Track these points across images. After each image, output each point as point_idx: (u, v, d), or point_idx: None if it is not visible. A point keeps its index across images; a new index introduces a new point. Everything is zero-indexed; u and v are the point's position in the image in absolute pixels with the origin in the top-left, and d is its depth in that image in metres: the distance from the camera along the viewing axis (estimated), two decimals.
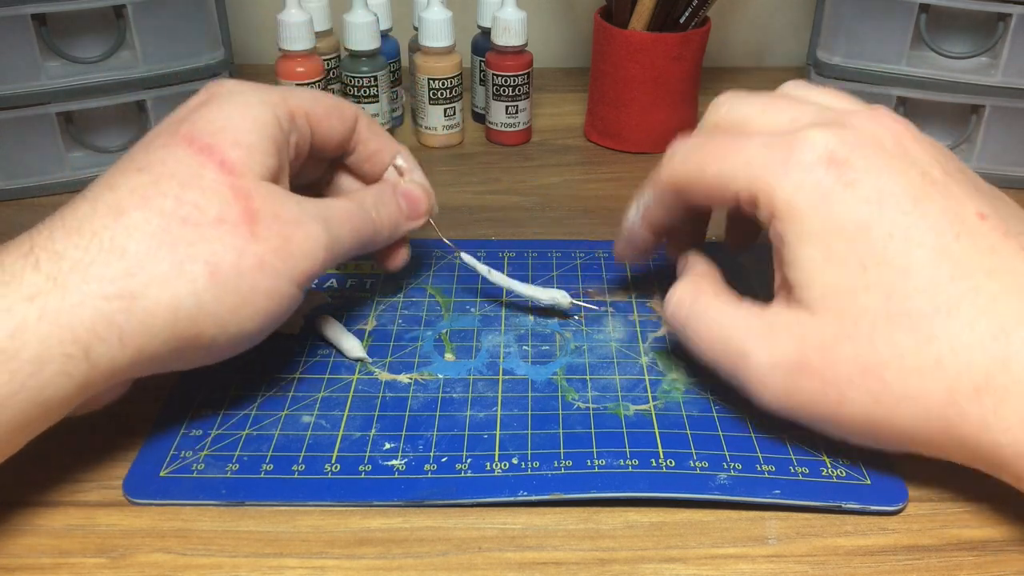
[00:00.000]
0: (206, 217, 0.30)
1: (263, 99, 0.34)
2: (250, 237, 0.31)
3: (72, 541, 0.30)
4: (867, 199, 0.29)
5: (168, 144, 0.32)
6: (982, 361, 0.28)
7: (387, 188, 0.40)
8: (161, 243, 0.29)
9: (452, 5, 0.56)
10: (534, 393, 0.36)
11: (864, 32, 0.53)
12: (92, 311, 0.28)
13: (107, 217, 0.29)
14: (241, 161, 0.32)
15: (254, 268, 0.31)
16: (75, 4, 0.49)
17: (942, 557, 0.30)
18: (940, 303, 0.28)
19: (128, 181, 0.31)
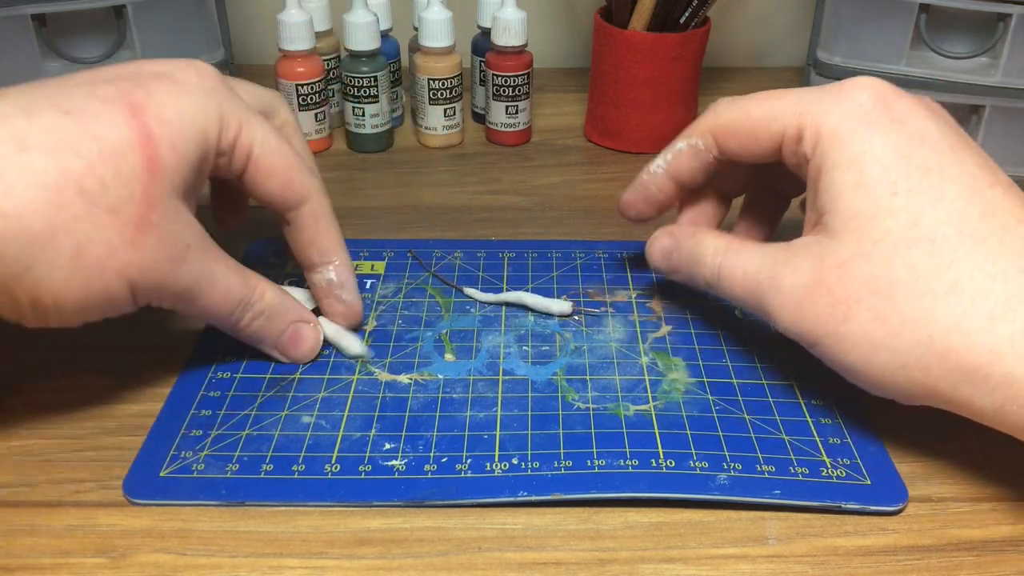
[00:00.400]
0: (104, 200, 0.29)
1: (222, 111, 0.33)
2: (129, 243, 0.30)
3: (72, 541, 0.30)
4: (910, 135, 0.31)
5: (110, 102, 0.30)
6: (1003, 291, 0.28)
7: (289, 313, 0.37)
8: (48, 201, 0.28)
9: (452, 5, 0.56)
10: (534, 393, 0.36)
11: (864, 32, 0.53)
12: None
13: (8, 144, 0.28)
14: (167, 168, 0.30)
15: (114, 271, 0.30)
16: (75, 4, 0.49)
17: (942, 557, 0.30)
18: (967, 233, 0.29)
19: (49, 117, 0.29)
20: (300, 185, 0.36)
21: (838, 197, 0.31)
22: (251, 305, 0.35)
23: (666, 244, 0.39)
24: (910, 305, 0.29)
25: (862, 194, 0.31)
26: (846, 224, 0.31)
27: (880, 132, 0.31)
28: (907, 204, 0.30)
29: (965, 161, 0.31)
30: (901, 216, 0.30)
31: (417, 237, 0.47)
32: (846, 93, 0.32)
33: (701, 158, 0.38)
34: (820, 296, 0.31)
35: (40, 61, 0.49)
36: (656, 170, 0.39)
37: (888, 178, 0.30)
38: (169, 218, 0.31)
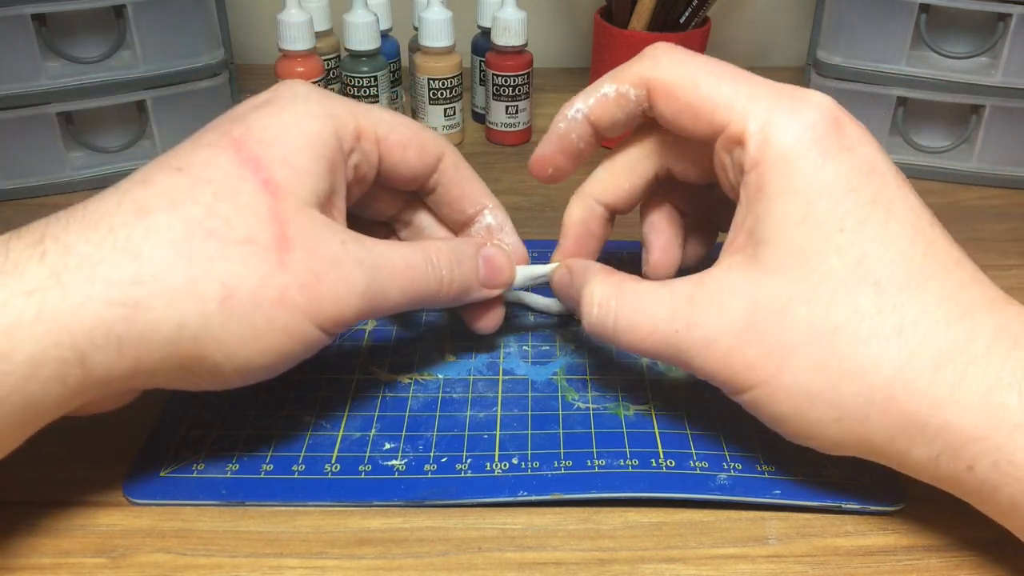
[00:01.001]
0: (234, 233, 0.28)
1: (329, 111, 0.31)
2: (277, 265, 0.28)
3: (72, 541, 0.30)
4: (860, 166, 0.29)
5: (215, 146, 0.29)
6: (945, 337, 0.27)
7: (469, 247, 0.35)
8: (179, 253, 0.27)
9: (452, 5, 0.56)
10: (534, 393, 0.36)
11: (864, 32, 0.53)
12: (93, 316, 0.26)
13: (129, 215, 0.27)
14: (287, 183, 0.29)
15: (274, 301, 0.28)
16: (75, 4, 0.49)
17: (942, 557, 0.30)
18: (912, 275, 0.28)
19: (163, 179, 0.28)
20: (433, 143, 0.35)
21: (780, 229, 0.28)
22: (439, 262, 0.33)
23: (563, 279, 0.36)
24: (852, 353, 0.27)
25: (807, 228, 0.28)
26: (786, 260, 0.28)
27: (832, 160, 0.28)
28: (854, 241, 0.28)
29: (908, 196, 0.29)
30: (846, 255, 0.28)
31: None
32: (802, 109, 0.29)
33: (628, 109, 0.33)
34: (752, 344, 0.28)
35: (40, 61, 0.49)
36: (575, 115, 0.34)
37: (836, 213, 0.28)
38: (308, 227, 0.29)
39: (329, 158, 0.31)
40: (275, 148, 0.30)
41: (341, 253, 0.30)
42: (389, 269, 0.31)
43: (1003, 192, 0.54)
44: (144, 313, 0.27)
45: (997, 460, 0.26)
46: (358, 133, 0.32)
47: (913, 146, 0.55)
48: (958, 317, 0.27)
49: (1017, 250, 0.48)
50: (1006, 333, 0.27)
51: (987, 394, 0.26)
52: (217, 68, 0.54)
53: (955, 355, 0.27)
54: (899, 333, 0.27)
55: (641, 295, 0.31)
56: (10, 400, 0.25)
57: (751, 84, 0.31)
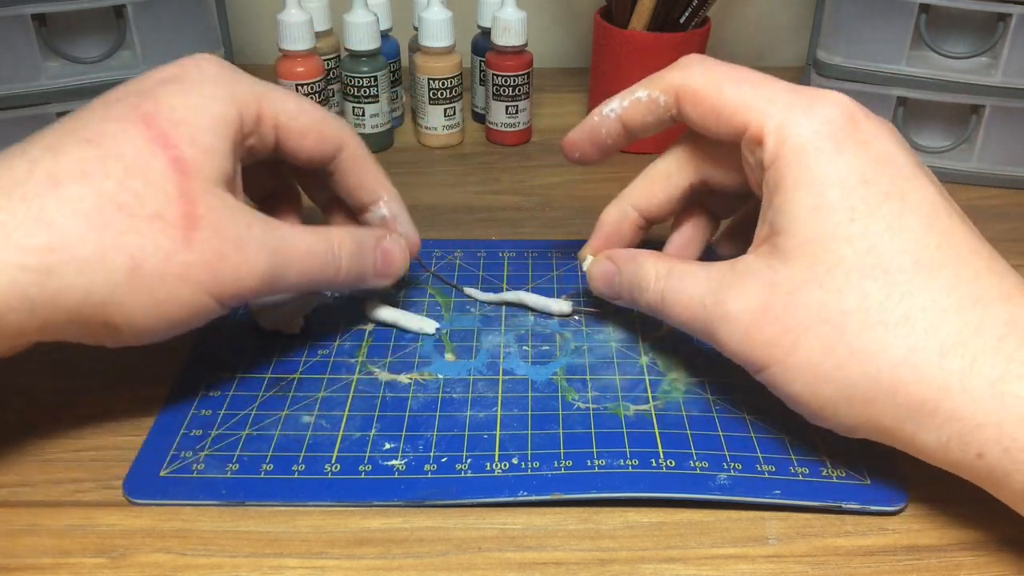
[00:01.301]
0: (144, 209, 0.29)
1: (234, 94, 0.33)
2: (183, 243, 0.30)
3: (72, 541, 0.30)
4: (874, 158, 0.30)
5: (124, 120, 0.30)
6: (954, 324, 0.28)
7: (369, 241, 0.37)
8: (91, 224, 0.28)
9: (452, 5, 0.56)
10: (534, 393, 0.36)
11: (864, 32, 0.53)
12: (8, 280, 0.27)
13: (42, 184, 0.28)
14: (195, 162, 0.31)
15: (177, 276, 0.30)
16: (75, 4, 0.49)
17: (942, 557, 0.30)
18: (923, 263, 0.28)
19: (74, 150, 0.29)
20: (333, 134, 0.36)
21: (794, 218, 0.30)
22: (339, 250, 0.35)
23: (607, 269, 0.38)
24: (859, 336, 0.28)
25: (819, 218, 0.29)
26: (800, 248, 0.30)
27: (846, 153, 0.30)
28: (865, 231, 0.29)
29: (926, 187, 0.30)
30: (858, 243, 0.29)
31: None
32: (817, 107, 0.31)
33: (657, 114, 0.35)
34: (768, 323, 0.30)
35: (40, 61, 0.49)
36: (609, 113, 0.37)
37: (847, 203, 0.29)
38: (217, 208, 0.31)
39: (232, 139, 0.32)
40: (183, 127, 0.31)
41: (245, 235, 0.31)
42: (290, 253, 0.33)
43: (1003, 192, 0.54)
44: (56, 279, 0.28)
45: (1008, 448, 0.26)
46: (259, 117, 0.34)
47: (913, 146, 0.55)
48: (969, 306, 0.28)
49: (1017, 250, 0.48)
50: (1019, 325, 0.27)
51: (997, 383, 0.27)
52: None
53: (964, 343, 0.27)
54: (906, 319, 0.28)
55: (685, 273, 0.34)
56: None
57: (771, 87, 0.32)
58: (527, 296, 0.41)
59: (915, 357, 0.28)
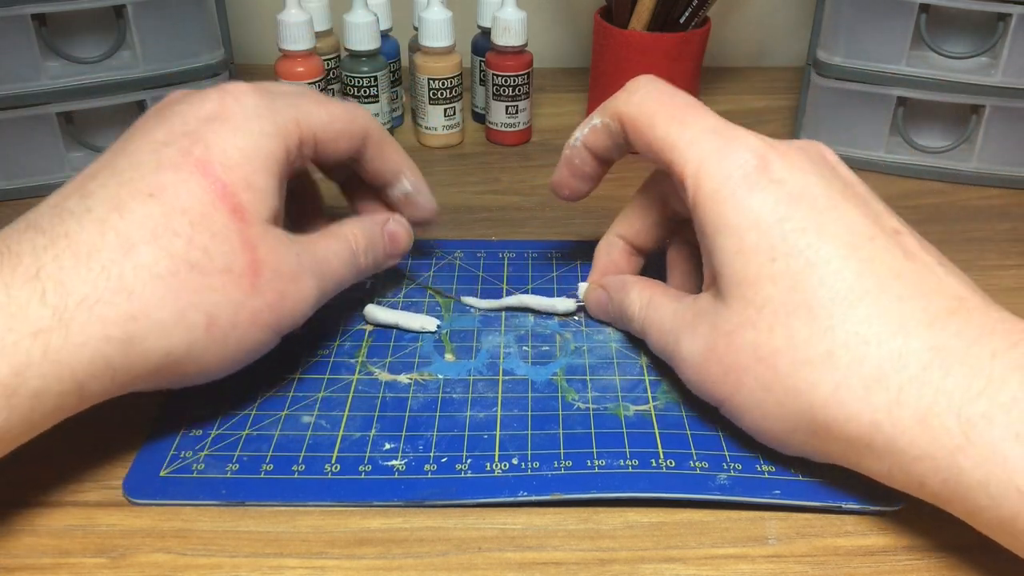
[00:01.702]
0: (214, 265, 0.30)
1: (278, 128, 0.33)
2: (250, 291, 0.31)
3: (72, 541, 0.30)
4: (788, 195, 0.30)
5: (179, 168, 0.31)
6: (876, 357, 0.28)
7: (377, 229, 0.39)
8: (168, 288, 0.29)
9: (452, 5, 0.56)
10: (534, 393, 0.36)
11: (864, 32, 0.53)
12: (93, 352, 0.28)
13: (116, 251, 0.29)
14: (252, 207, 0.32)
15: (248, 322, 0.31)
16: (75, 4, 0.49)
17: (942, 557, 0.30)
18: (842, 295, 0.29)
19: (138, 207, 0.30)
20: (360, 130, 0.37)
21: (723, 262, 0.31)
22: (357, 249, 0.37)
23: (600, 297, 0.40)
24: (790, 375, 0.29)
25: (743, 261, 0.30)
26: (732, 290, 0.31)
27: (758, 194, 0.30)
28: (785, 269, 0.29)
29: (845, 214, 0.30)
30: (781, 282, 0.29)
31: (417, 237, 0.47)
32: (730, 151, 0.31)
33: (615, 139, 0.36)
34: (713, 364, 0.31)
35: (40, 61, 0.49)
36: (575, 143, 0.38)
37: (766, 243, 0.30)
38: (273, 248, 0.32)
39: (280, 176, 0.33)
40: (238, 171, 0.32)
41: (297, 268, 0.33)
42: (330, 271, 0.35)
43: (1003, 192, 0.54)
44: (138, 345, 0.29)
45: (947, 479, 0.27)
46: (301, 141, 0.35)
47: (913, 146, 0.55)
48: (890, 335, 0.28)
49: (1017, 250, 0.48)
50: (942, 352, 0.27)
51: (926, 416, 0.27)
52: (217, 68, 0.54)
53: (888, 375, 0.27)
54: (829, 356, 0.28)
55: (660, 306, 0.36)
56: (15, 426, 0.27)
57: (696, 127, 0.33)
58: (530, 299, 0.41)
59: (841, 394, 0.28)
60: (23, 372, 0.27)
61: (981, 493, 0.26)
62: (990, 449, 0.26)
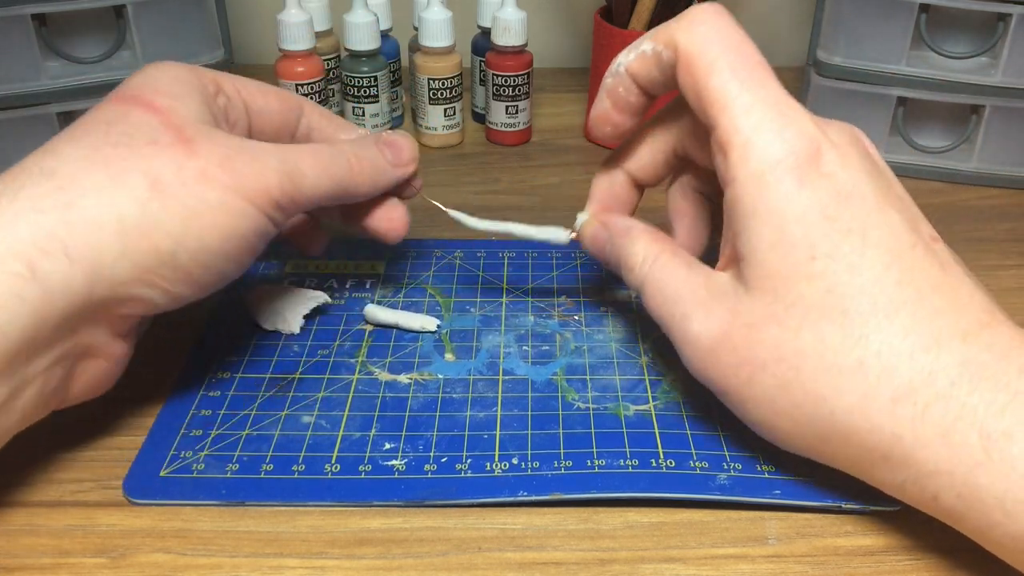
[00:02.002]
0: (137, 141, 0.30)
1: (190, 69, 0.34)
2: (188, 153, 0.30)
3: (72, 541, 0.30)
4: (837, 193, 0.29)
5: (101, 107, 0.32)
6: (907, 371, 0.27)
7: (368, 139, 0.38)
8: (93, 162, 0.29)
9: (452, 5, 0.56)
10: (534, 393, 0.36)
11: (864, 32, 0.53)
12: (28, 224, 0.27)
13: (37, 156, 0.30)
14: (169, 105, 0.31)
15: (196, 179, 0.30)
16: (75, 4, 0.49)
17: (942, 557, 0.30)
18: (880, 306, 0.28)
19: (65, 134, 0.31)
20: (291, 96, 0.38)
21: (755, 249, 0.29)
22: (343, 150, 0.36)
23: (598, 235, 0.37)
24: (814, 379, 0.28)
25: (779, 254, 0.29)
26: (761, 282, 0.29)
27: (807, 187, 0.29)
28: (824, 270, 0.28)
29: (891, 219, 0.29)
30: (817, 283, 0.28)
31: (417, 237, 0.47)
32: (787, 134, 0.29)
33: (663, 71, 0.33)
34: (726, 352, 0.30)
35: (40, 61, 0.49)
36: (618, 69, 0.34)
37: (808, 240, 0.28)
38: (205, 131, 0.31)
39: (202, 95, 0.33)
40: (148, 87, 0.32)
41: (245, 144, 0.32)
42: (297, 151, 0.34)
43: (1003, 192, 0.54)
44: (78, 211, 0.28)
45: (962, 494, 0.27)
46: (219, 83, 0.35)
47: (913, 146, 0.55)
48: (923, 349, 0.27)
49: (1017, 250, 0.48)
50: (972, 366, 0.27)
51: (948, 432, 0.27)
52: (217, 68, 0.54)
53: (917, 391, 0.27)
54: (860, 365, 0.28)
55: (669, 268, 0.33)
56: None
57: (755, 93, 0.30)
58: (519, 227, 0.40)
59: (867, 405, 0.28)
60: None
61: (997, 509, 0.26)
62: (1010, 466, 0.26)
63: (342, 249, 0.46)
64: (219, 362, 0.38)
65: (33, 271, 0.27)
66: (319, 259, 0.45)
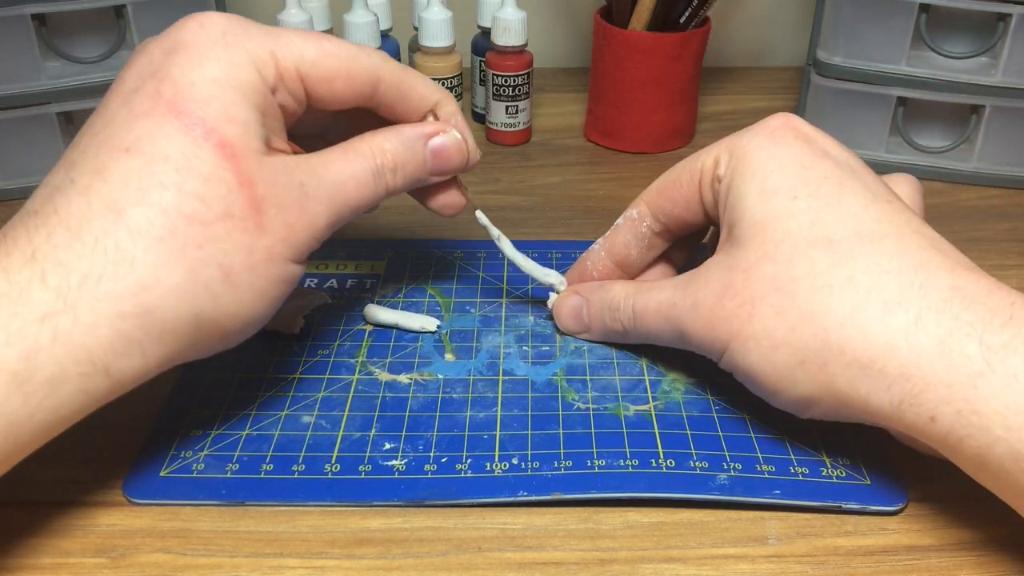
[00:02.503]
0: (212, 212, 0.28)
1: (249, 56, 0.30)
2: (257, 232, 0.29)
3: (72, 541, 0.30)
4: (813, 151, 0.32)
5: (152, 113, 0.29)
6: (896, 285, 0.28)
7: (417, 142, 0.35)
8: (170, 249, 0.28)
9: (452, 5, 0.56)
10: (534, 393, 0.36)
11: (864, 32, 0.53)
12: (109, 331, 0.27)
13: (106, 218, 0.27)
14: (239, 140, 0.29)
15: (264, 262, 0.30)
16: (75, 4, 0.49)
17: (942, 557, 0.30)
18: (864, 234, 0.30)
19: (118, 166, 0.28)
20: (365, 70, 0.33)
21: (743, 206, 0.32)
22: (383, 167, 0.34)
23: (575, 303, 0.39)
24: (808, 299, 0.30)
25: (764, 199, 0.32)
26: (751, 230, 0.32)
27: (783, 145, 0.32)
28: (807, 207, 0.31)
29: (864, 178, 0.32)
30: (801, 218, 0.31)
31: (417, 237, 0.47)
32: (762, 124, 0.34)
33: (635, 230, 0.38)
34: (728, 298, 0.32)
35: (40, 61, 0.49)
36: (595, 247, 0.40)
37: (788, 183, 0.31)
38: (271, 181, 0.30)
39: (262, 105, 0.30)
40: (213, 104, 0.29)
41: (303, 196, 0.31)
42: (343, 195, 0.33)
43: (1003, 192, 0.54)
44: (159, 315, 0.28)
45: (961, 410, 0.26)
46: (280, 74, 0.31)
47: (913, 146, 0.55)
48: (911, 270, 0.29)
49: (1017, 250, 0.48)
50: (962, 292, 0.28)
51: (944, 341, 0.27)
52: None
53: (907, 301, 0.28)
54: (850, 280, 0.29)
55: (652, 287, 0.36)
56: (35, 419, 0.26)
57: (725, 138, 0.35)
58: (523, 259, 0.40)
59: (859, 315, 0.29)
60: (32, 358, 0.25)
61: (998, 424, 0.26)
62: (1013, 377, 0.26)
63: (342, 249, 0.46)
64: (219, 362, 0.38)
65: (107, 371, 0.27)
66: (319, 259, 0.45)
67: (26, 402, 0.26)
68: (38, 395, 0.26)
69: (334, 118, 0.37)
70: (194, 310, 0.28)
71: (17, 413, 0.26)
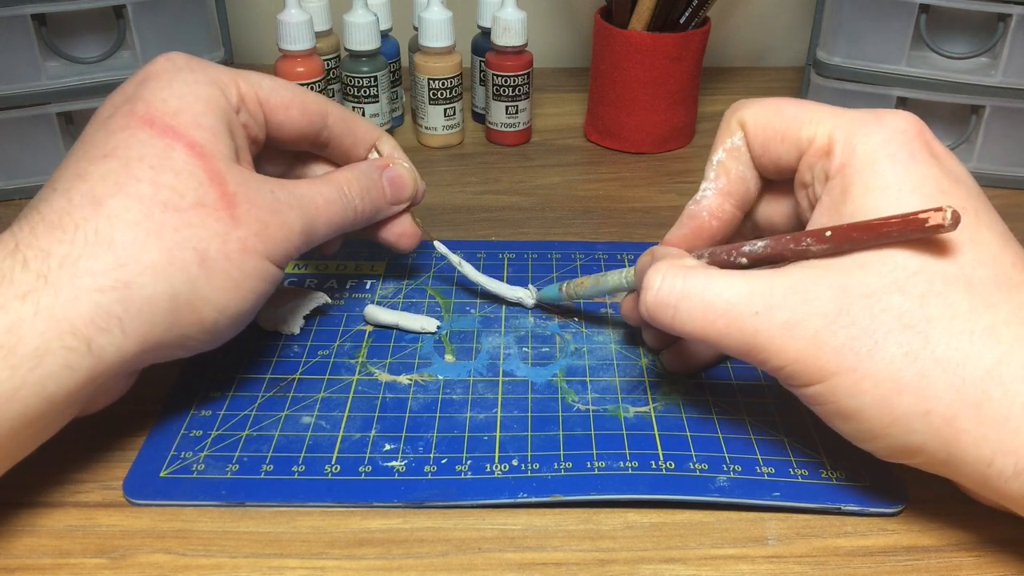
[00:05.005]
0: (185, 201, 0.30)
1: (211, 78, 0.33)
2: (231, 222, 0.31)
3: (72, 541, 0.30)
4: (947, 174, 0.29)
5: (127, 127, 0.31)
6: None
7: (374, 172, 0.39)
8: (147, 231, 0.29)
9: (452, 5, 0.56)
10: (534, 395, 0.36)
11: (864, 32, 0.53)
12: (89, 304, 0.28)
13: (86, 208, 0.29)
14: (208, 143, 0.31)
15: (240, 252, 0.31)
16: (75, 4, 0.49)
17: (942, 557, 0.30)
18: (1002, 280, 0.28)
19: (97, 168, 0.30)
20: (315, 103, 0.37)
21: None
22: (349, 192, 0.37)
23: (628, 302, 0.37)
24: (945, 344, 0.27)
25: None
26: (877, 251, 0.28)
27: (920, 163, 0.29)
28: (945, 239, 0.28)
29: (992, 209, 0.29)
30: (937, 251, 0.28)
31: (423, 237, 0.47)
32: (887, 119, 0.30)
33: (743, 157, 0.34)
34: (842, 327, 0.28)
35: (40, 61, 0.49)
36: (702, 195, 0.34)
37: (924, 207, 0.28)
38: (242, 182, 0.32)
39: (227, 119, 0.33)
40: (183, 115, 0.31)
41: (274, 202, 0.33)
42: (315, 208, 0.35)
43: (1003, 192, 0.54)
44: (137, 291, 0.29)
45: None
46: (241, 96, 0.34)
47: None
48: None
49: None
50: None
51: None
52: None
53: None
54: (992, 331, 0.27)
55: (713, 277, 0.30)
56: (21, 393, 0.27)
57: (829, 107, 0.32)
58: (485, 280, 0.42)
59: (1002, 370, 0.26)
60: (16, 331, 0.26)
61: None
62: None
63: (342, 250, 0.46)
64: (219, 363, 0.38)
65: (89, 345, 0.28)
66: (319, 259, 0.45)
67: (12, 375, 0.26)
68: (23, 368, 0.27)
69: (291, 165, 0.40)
70: (170, 290, 0.29)
71: (3, 385, 0.26)
